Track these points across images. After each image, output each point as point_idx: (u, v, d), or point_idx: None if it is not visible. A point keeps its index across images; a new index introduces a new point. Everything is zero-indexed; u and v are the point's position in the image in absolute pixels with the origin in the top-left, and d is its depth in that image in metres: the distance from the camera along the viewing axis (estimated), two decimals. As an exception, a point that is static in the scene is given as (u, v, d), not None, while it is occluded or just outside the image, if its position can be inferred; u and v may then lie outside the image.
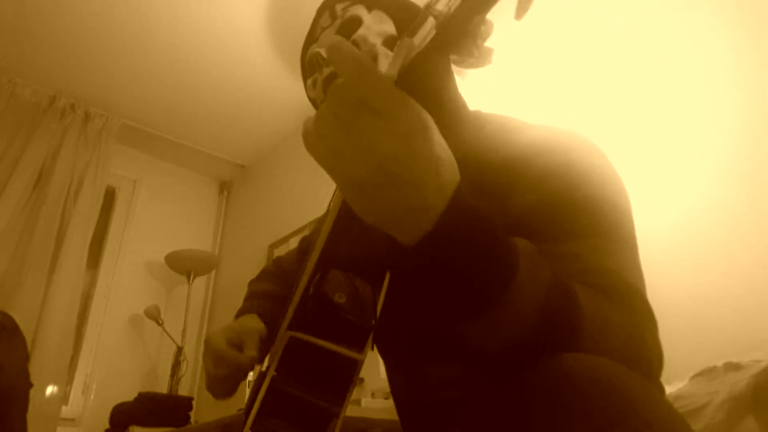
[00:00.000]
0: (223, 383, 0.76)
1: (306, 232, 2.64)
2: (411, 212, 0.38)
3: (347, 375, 0.43)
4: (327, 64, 0.75)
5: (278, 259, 1.05)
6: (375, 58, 0.74)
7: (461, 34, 0.34)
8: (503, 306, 0.40)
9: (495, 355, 0.43)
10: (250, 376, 0.80)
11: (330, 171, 0.38)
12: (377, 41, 0.75)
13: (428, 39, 0.35)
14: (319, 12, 0.83)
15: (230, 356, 0.73)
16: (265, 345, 0.77)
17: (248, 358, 0.74)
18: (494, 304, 0.40)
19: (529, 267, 0.41)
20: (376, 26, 0.77)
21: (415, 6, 0.82)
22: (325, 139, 0.37)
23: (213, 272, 3.25)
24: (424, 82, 0.37)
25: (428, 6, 0.35)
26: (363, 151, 0.35)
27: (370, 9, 0.79)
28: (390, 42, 0.76)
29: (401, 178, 0.36)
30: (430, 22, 0.35)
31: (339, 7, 0.80)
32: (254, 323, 0.79)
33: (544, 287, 0.42)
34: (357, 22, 0.77)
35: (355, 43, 0.75)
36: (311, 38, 0.83)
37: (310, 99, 0.85)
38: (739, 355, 0.98)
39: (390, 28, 0.77)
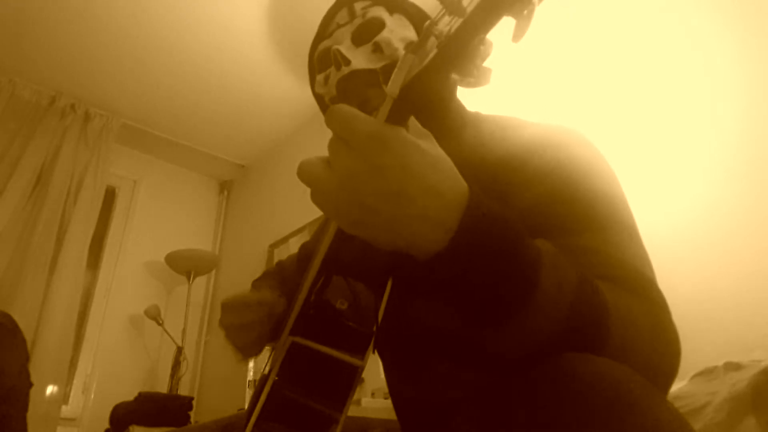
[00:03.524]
0: (248, 331, 0.71)
1: (306, 232, 2.64)
2: (410, 224, 0.38)
3: (347, 381, 0.44)
4: (347, 63, 0.73)
5: (280, 263, 1.05)
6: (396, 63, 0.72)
7: (461, 53, 0.35)
8: (527, 313, 0.40)
9: (519, 359, 0.43)
10: (251, 376, 0.79)
11: (331, 217, 0.40)
12: (400, 46, 0.74)
13: (429, 57, 0.36)
14: (336, 8, 0.81)
15: (255, 296, 0.71)
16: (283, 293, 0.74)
17: (276, 297, 0.71)
18: (517, 312, 0.40)
19: (552, 270, 0.41)
20: (399, 30, 0.76)
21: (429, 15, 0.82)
22: (320, 189, 0.39)
23: (213, 272, 3.25)
24: (427, 96, 0.37)
25: (430, 25, 0.36)
26: (348, 193, 0.37)
27: (391, 12, 0.78)
28: None
29: (383, 194, 0.37)
30: (432, 41, 0.36)
31: (358, 5, 0.79)
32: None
33: (570, 290, 0.42)
34: (379, 24, 0.76)
35: (378, 46, 0.74)
36: (323, 34, 0.82)
37: (317, 95, 0.83)
38: (739, 355, 0.99)
39: (412, 34, 0.77)
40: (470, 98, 0.83)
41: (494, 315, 0.40)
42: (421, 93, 0.37)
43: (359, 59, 0.74)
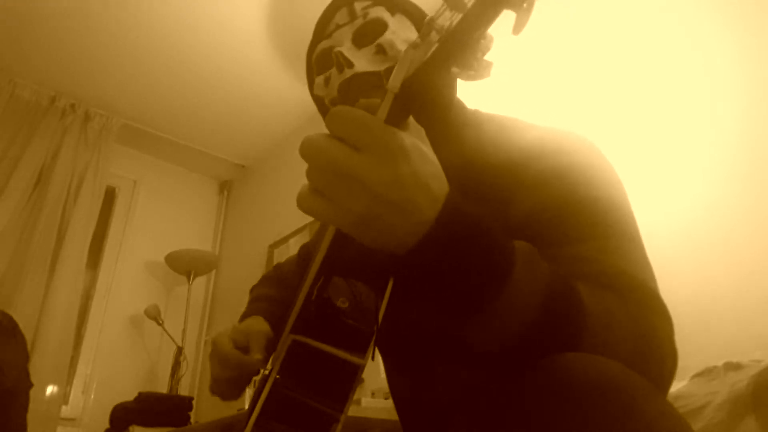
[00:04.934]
0: (228, 385, 0.75)
1: (306, 233, 2.64)
2: (408, 230, 0.39)
3: (348, 379, 0.44)
4: (349, 65, 0.72)
5: (279, 266, 1.04)
6: None
7: (462, 48, 0.35)
8: (500, 304, 0.40)
9: (496, 354, 0.43)
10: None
11: (330, 220, 0.39)
12: (403, 48, 0.72)
13: (430, 52, 0.36)
14: (334, 7, 0.80)
15: (236, 358, 0.72)
16: (272, 346, 0.76)
17: (254, 360, 0.72)
18: (490, 302, 0.40)
19: (526, 265, 0.42)
20: (401, 32, 0.75)
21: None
22: (322, 191, 0.38)
23: (213, 272, 3.25)
24: (428, 91, 0.38)
25: (431, 20, 0.36)
26: (356, 189, 0.37)
27: (393, 12, 0.77)
28: None
29: (397, 204, 0.37)
30: (433, 36, 0.36)
31: (358, 5, 0.77)
32: (260, 325, 0.78)
33: (543, 284, 0.42)
34: (382, 25, 0.75)
35: (382, 48, 0.73)
36: (321, 34, 0.80)
37: (316, 97, 0.82)
38: (739, 355, 0.99)
39: (414, 34, 0.76)
40: (470, 93, 0.83)
41: (468, 305, 0.41)
42: (422, 87, 0.37)
43: (362, 62, 0.72)
